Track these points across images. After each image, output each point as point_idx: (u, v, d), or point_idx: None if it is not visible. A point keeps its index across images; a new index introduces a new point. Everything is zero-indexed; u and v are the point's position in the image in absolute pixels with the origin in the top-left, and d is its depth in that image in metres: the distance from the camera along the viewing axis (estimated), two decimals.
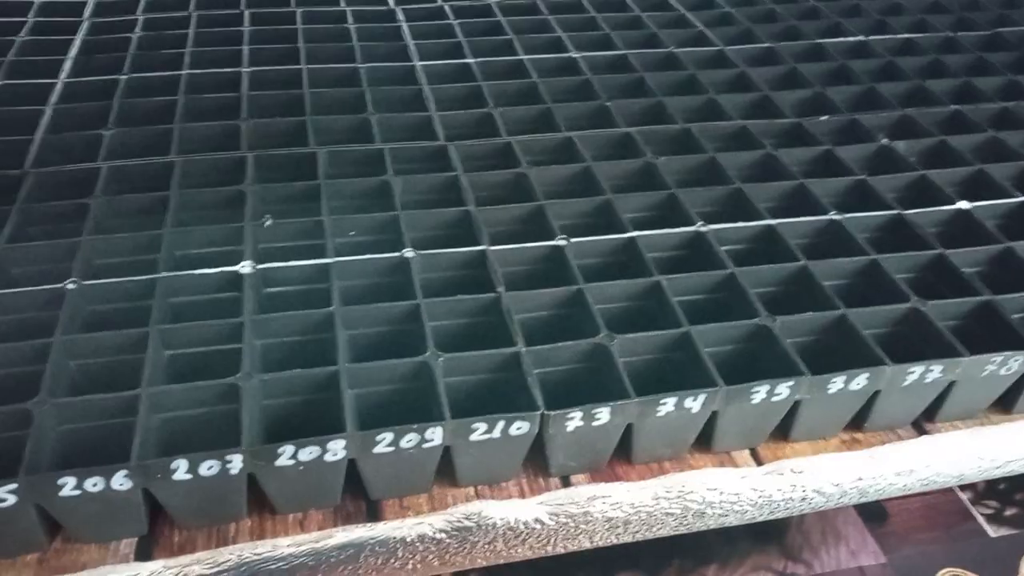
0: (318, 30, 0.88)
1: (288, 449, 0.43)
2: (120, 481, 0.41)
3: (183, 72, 0.79)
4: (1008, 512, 0.68)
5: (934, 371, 0.49)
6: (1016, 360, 0.50)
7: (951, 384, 0.51)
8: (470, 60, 0.83)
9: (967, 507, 0.69)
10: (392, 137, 0.70)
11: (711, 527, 0.51)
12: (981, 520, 0.68)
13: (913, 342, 0.53)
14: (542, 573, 0.61)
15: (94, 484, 0.41)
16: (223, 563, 0.44)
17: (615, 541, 0.50)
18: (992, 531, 0.67)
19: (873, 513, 0.70)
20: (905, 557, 0.66)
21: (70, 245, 0.56)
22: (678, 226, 0.61)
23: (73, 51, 0.83)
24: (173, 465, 0.42)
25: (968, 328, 0.54)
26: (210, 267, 0.54)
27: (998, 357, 0.50)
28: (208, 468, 0.42)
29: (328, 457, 0.44)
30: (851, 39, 0.91)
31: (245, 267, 0.54)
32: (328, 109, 0.74)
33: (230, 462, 0.42)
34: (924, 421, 0.54)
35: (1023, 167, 0.69)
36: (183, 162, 0.65)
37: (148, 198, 0.61)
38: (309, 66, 0.80)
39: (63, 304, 0.51)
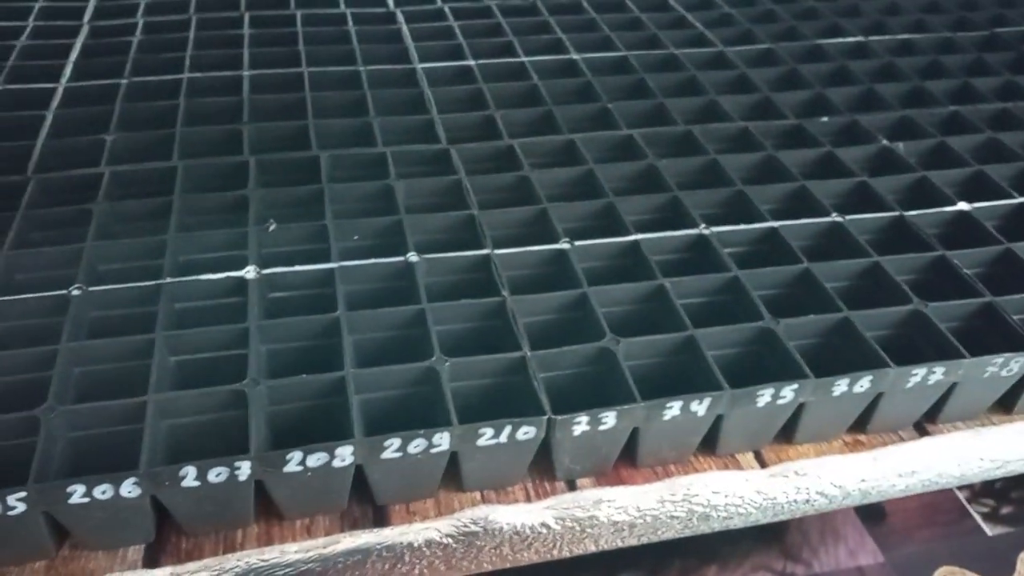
0: (318, 32, 0.88)
1: (296, 455, 0.43)
2: (129, 488, 0.42)
3: (184, 76, 0.79)
4: (1004, 510, 0.69)
5: (936, 373, 0.49)
6: (1017, 361, 0.51)
7: (953, 385, 0.51)
8: (471, 62, 0.83)
9: (964, 505, 0.70)
10: (394, 140, 0.70)
11: (716, 530, 0.51)
12: (978, 518, 0.69)
13: (915, 344, 0.53)
14: (543, 573, 0.61)
15: (103, 492, 0.41)
16: (230, 569, 0.44)
17: (620, 545, 0.50)
18: (989, 529, 0.68)
19: (871, 512, 0.71)
20: (903, 556, 0.67)
21: (74, 251, 0.56)
22: (681, 228, 0.61)
23: (74, 55, 0.83)
24: (182, 472, 0.42)
25: (969, 329, 0.55)
26: (215, 272, 0.54)
27: (999, 359, 0.50)
28: (217, 475, 0.42)
29: (336, 463, 0.44)
30: (850, 39, 0.91)
31: (250, 272, 0.54)
32: (330, 112, 0.74)
33: (239, 469, 0.42)
34: (926, 422, 0.54)
35: (1021, 168, 0.69)
36: (185, 166, 0.65)
37: (151, 203, 0.61)
38: (310, 69, 0.80)
39: (68, 310, 0.51)
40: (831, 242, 0.61)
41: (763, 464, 0.51)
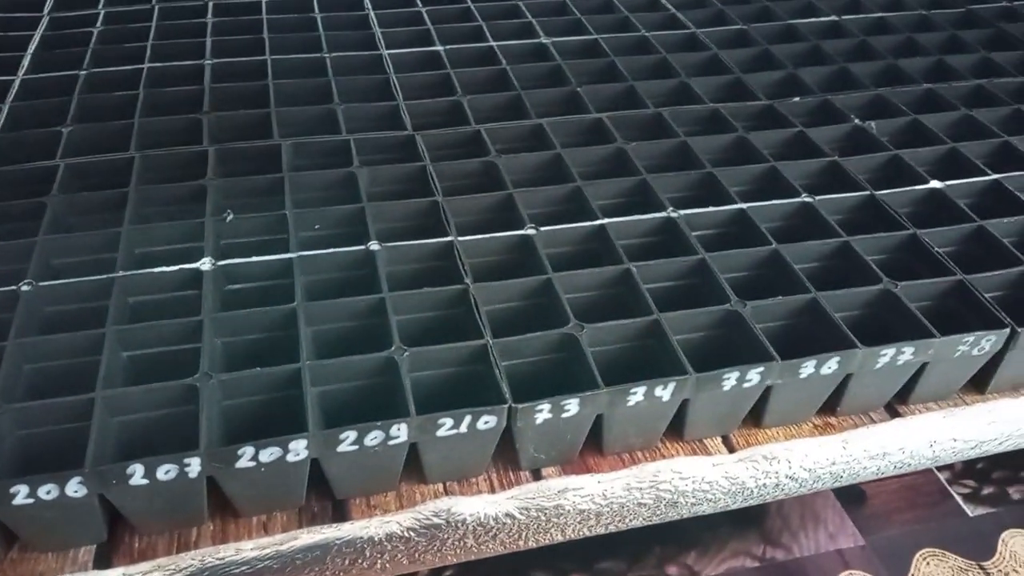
0: (284, 20, 0.86)
1: (248, 450, 0.42)
2: (75, 488, 0.40)
3: (144, 66, 0.77)
4: (985, 491, 0.68)
5: (906, 353, 0.49)
6: (988, 340, 0.50)
7: (924, 365, 0.51)
8: (439, 47, 0.81)
9: (945, 487, 0.69)
10: (358, 127, 0.69)
11: (684, 516, 0.50)
12: (959, 500, 0.68)
13: (886, 324, 0.52)
14: (522, 565, 0.60)
15: (48, 492, 0.40)
16: (185, 568, 0.43)
17: (588, 534, 0.49)
18: (970, 510, 0.67)
19: (852, 495, 0.70)
20: (884, 539, 0.66)
21: (26, 245, 0.55)
22: (649, 212, 0.60)
23: (32, 47, 0.81)
24: (129, 470, 0.41)
25: (942, 308, 0.54)
26: (170, 264, 0.53)
27: (970, 337, 0.49)
28: (165, 472, 0.41)
29: (290, 457, 0.43)
30: (824, 19, 0.90)
31: (205, 264, 0.53)
32: (293, 100, 0.72)
33: (188, 465, 0.41)
34: (898, 403, 0.53)
35: (996, 145, 0.68)
36: (143, 157, 0.64)
37: (107, 195, 0.60)
38: (274, 56, 0.78)
39: (17, 306, 0.50)
40: (801, 223, 0.60)
41: (731, 449, 0.50)
